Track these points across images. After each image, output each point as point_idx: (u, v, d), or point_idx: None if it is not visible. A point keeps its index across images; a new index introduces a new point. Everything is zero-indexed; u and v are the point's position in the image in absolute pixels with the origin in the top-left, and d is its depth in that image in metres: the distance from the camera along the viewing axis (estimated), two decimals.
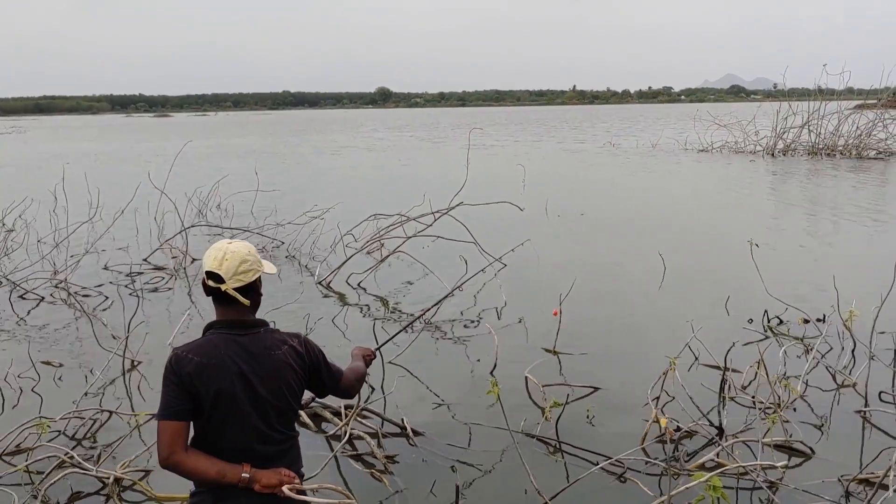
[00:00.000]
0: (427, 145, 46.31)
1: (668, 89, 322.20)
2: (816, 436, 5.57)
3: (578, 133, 57.63)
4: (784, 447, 5.29)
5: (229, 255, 2.83)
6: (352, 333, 8.25)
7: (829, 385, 6.53)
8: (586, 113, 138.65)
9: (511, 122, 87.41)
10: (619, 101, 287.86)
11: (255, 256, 2.91)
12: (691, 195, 20.23)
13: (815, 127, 31.18)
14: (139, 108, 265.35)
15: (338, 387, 3.18)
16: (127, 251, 12.75)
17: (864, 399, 6.08)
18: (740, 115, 35.54)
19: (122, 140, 61.81)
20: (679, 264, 11.04)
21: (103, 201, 13.92)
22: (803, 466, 5.11)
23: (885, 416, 5.82)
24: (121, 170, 30.03)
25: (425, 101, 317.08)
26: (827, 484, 4.76)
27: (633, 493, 4.73)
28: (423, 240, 11.52)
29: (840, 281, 7.87)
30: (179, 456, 2.70)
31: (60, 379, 7.03)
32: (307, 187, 22.89)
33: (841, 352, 7.23)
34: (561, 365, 7.26)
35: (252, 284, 2.90)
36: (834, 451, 5.28)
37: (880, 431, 5.63)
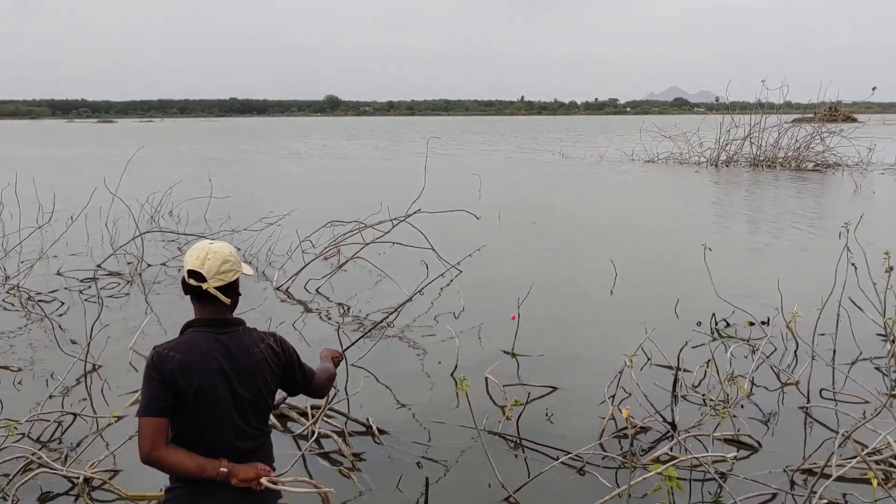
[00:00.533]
0: (381, 153, 46.37)
1: (615, 101, 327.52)
2: (763, 430, 5.88)
3: (528, 143, 58.26)
4: (733, 441, 5.59)
5: (211, 255, 2.91)
6: (312, 338, 8.35)
7: (773, 384, 6.87)
8: (535, 123, 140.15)
9: (461, 132, 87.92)
10: (567, 112, 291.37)
11: (235, 257, 3.00)
12: (639, 204, 20.71)
13: (757, 139, 32.18)
14: (82, 114, 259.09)
15: (310, 386, 3.28)
16: (80, 257, 12.62)
17: (806, 396, 6.40)
18: (685, 127, 36.40)
19: (66, 146, 60.49)
20: (629, 270, 11.38)
21: (52, 207, 13.74)
22: (751, 458, 5.40)
23: (825, 412, 6.17)
24: (67, 176, 29.50)
25: (374, 110, 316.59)
26: (773, 474, 5.06)
27: (592, 485, 4.95)
28: (381, 246, 11.66)
29: (783, 285, 8.23)
30: (161, 451, 2.77)
31: (20, 383, 7.01)
32: (261, 194, 22.83)
33: (784, 352, 7.59)
34: (519, 366, 7.48)
35: (232, 284, 2.98)
36: (779, 444, 5.59)
37: (821, 425, 5.98)
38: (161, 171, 29.87)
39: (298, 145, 59.73)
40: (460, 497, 4.95)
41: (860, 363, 7.37)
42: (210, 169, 27.52)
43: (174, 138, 75.50)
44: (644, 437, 5.76)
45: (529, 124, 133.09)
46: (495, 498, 4.86)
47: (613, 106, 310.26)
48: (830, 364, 7.19)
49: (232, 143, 62.61)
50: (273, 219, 13.94)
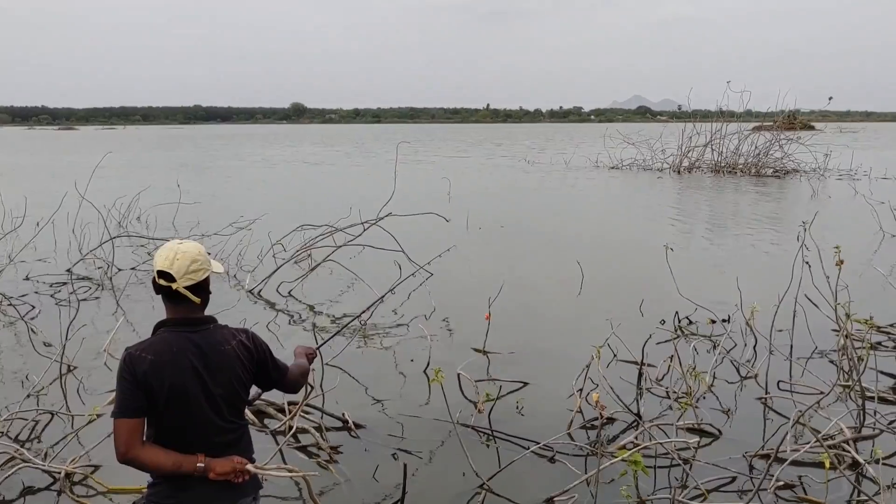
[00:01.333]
0: (352, 159, 46.41)
1: (579, 109, 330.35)
2: (723, 420, 6.15)
3: (494, 150, 58.70)
4: (695, 430, 5.84)
5: (180, 255, 2.97)
6: (286, 339, 8.46)
7: (734, 377, 7.17)
8: (500, 131, 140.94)
9: (428, 139, 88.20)
10: (532, 120, 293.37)
11: (204, 256, 3.05)
12: (604, 209, 21.11)
13: (718, 146, 32.84)
14: (42, 121, 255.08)
15: (284, 381, 3.35)
16: (48, 262, 12.57)
17: (764, 388, 6.68)
18: (648, 134, 37.02)
19: (28, 153, 59.60)
20: (596, 271, 11.66)
21: (22, 213, 13.68)
22: (713, 445, 5.66)
23: (782, 402, 6.45)
24: (32, 183, 29.14)
25: (340, 118, 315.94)
26: (733, 460, 5.33)
27: (562, 472, 5.16)
28: (352, 250, 11.82)
29: (743, 285, 8.53)
30: (136, 451, 2.84)
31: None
32: (231, 199, 22.83)
33: (744, 347, 7.89)
34: (490, 363, 7.68)
35: (202, 283, 3.03)
36: (739, 433, 5.85)
37: (779, 414, 6.25)
38: (127, 178, 29.64)
39: (268, 151, 59.63)
40: (436, 485, 5.12)
41: (815, 356, 7.69)
42: (179, 175, 27.40)
43: (139, 145, 74.72)
44: (611, 428, 5.99)
45: (495, 131, 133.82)
46: (470, 486, 5.04)
47: (578, 114, 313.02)
48: (788, 358, 7.48)
49: (200, 150, 62.21)
50: (244, 223, 14.01)
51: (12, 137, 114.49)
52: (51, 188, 15.55)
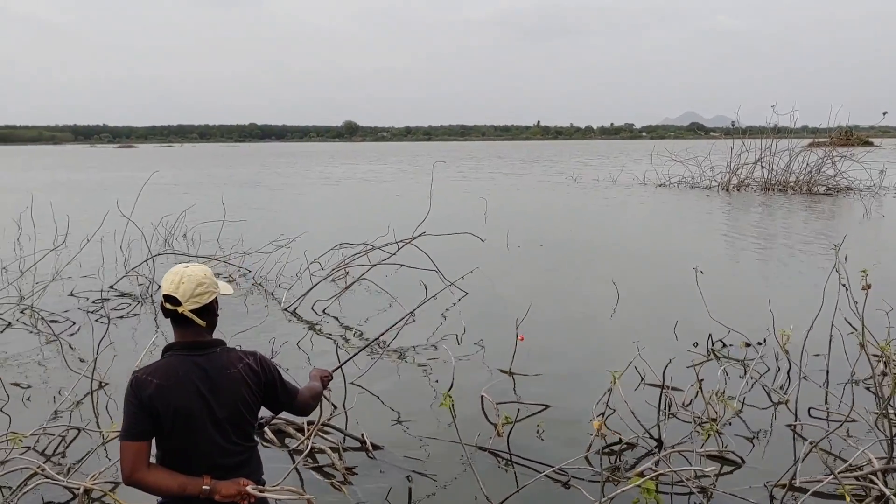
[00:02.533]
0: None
1: (630, 126, 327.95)
2: (749, 448, 5.98)
3: (541, 167, 58.54)
4: (717, 457, 5.69)
5: (186, 279, 3.01)
6: (315, 357, 8.52)
7: (765, 402, 6.98)
8: (550, 148, 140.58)
9: (477, 157, 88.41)
10: (583, 137, 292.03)
11: (210, 279, 3.08)
12: (648, 227, 20.83)
13: (768, 163, 32.21)
14: (103, 139, 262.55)
15: (293, 404, 3.37)
16: (93, 279, 12.88)
17: (794, 414, 6.50)
18: (696, 151, 36.51)
19: (86, 170, 61.34)
20: (633, 292, 11.52)
21: (69, 230, 14.09)
22: (734, 474, 5.51)
23: (813, 430, 6.23)
24: (86, 199, 29.98)
25: (392, 136, 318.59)
26: (754, 489, 5.17)
27: (576, 498, 5.07)
28: (388, 268, 11.88)
29: (787, 307, 8.33)
30: (141, 474, 2.89)
31: (29, 399, 7.22)
32: (276, 217, 23.10)
33: (778, 372, 7.69)
34: (516, 385, 7.62)
35: (208, 306, 3.07)
36: (763, 461, 5.69)
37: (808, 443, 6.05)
38: (179, 195, 30.31)
39: (321, 168, 60.40)
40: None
41: (852, 383, 7.44)
42: (231, 192, 27.94)
43: (196, 163, 76.34)
44: (630, 454, 5.88)
45: (545, 149, 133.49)
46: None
47: (629, 131, 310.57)
48: (824, 384, 7.28)
49: (250, 168, 63.25)
50: (284, 241, 14.19)
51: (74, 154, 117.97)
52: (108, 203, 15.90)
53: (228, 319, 10.20)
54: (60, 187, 38.57)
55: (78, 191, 36.08)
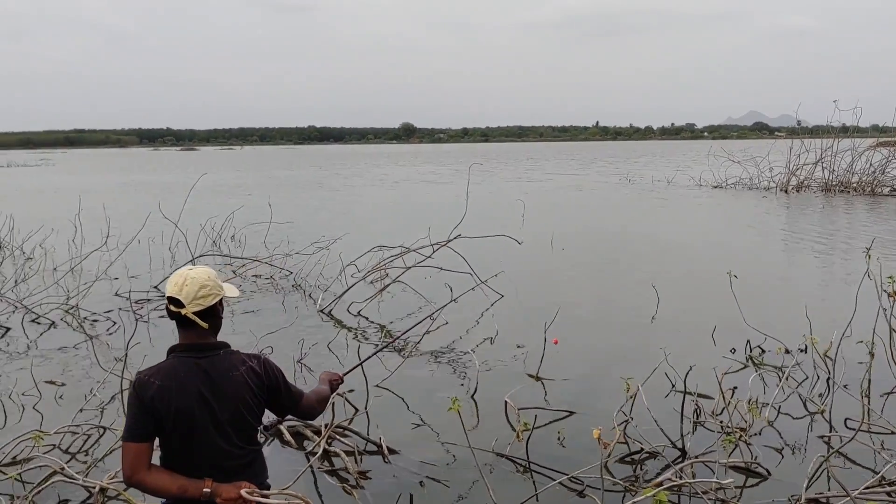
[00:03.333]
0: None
1: (692, 126, 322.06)
2: (778, 459, 5.74)
3: (597, 168, 57.90)
4: (742, 469, 5.48)
5: (189, 281, 3.02)
6: (344, 359, 8.51)
7: (800, 412, 6.71)
8: (608, 148, 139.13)
9: (533, 157, 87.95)
10: (642, 138, 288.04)
11: (214, 282, 3.09)
12: (699, 229, 20.40)
13: (829, 164, 31.23)
14: (166, 142, 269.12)
15: (297, 407, 3.36)
16: (139, 279, 13.13)
17: (829, 425, 6.23)
18: (755, 151, 35.63)
19: (148, 172, 62.88)
20: (676, 296, 11.26)
21: (121, 231, 14.43)
22: (760, 486, 5.30)
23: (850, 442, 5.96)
24: (144, 200, 30.71)
25: (449, 137, 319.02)
26: (777, 503, 4.95)
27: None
28: (427, 270, 11.82)
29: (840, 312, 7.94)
30: (142, 475, 2.91)
31: (61, 397, 7.36)
32: (325, 218, 23.29)
33: (816, 380, 7.39)
34: (545, 390, 7.48)
35: (212, 308, 3.08)
36: (792, 474, 5.44)
37: (842, 456, 5.79)
38: (241, 196, 30.82)
39: (388, 170, 60.72)
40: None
41: None
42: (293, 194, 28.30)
43: (258, 165, 77.64)
44: (653, 463, 5.70)
45: (602, 149, 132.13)
46: None
47: (690, 131, 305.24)
48: (866, 394, 6.97)
49: (313, 170, 64.03)
50: (324, 242, 14.28)
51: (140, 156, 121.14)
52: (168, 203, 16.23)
53: (264, 319, 10.32)
54: (121, 188, 39.58)
55: (137, 191, 36.93)
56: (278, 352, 8.42)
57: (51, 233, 16.25)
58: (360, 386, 7.09)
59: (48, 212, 24.19)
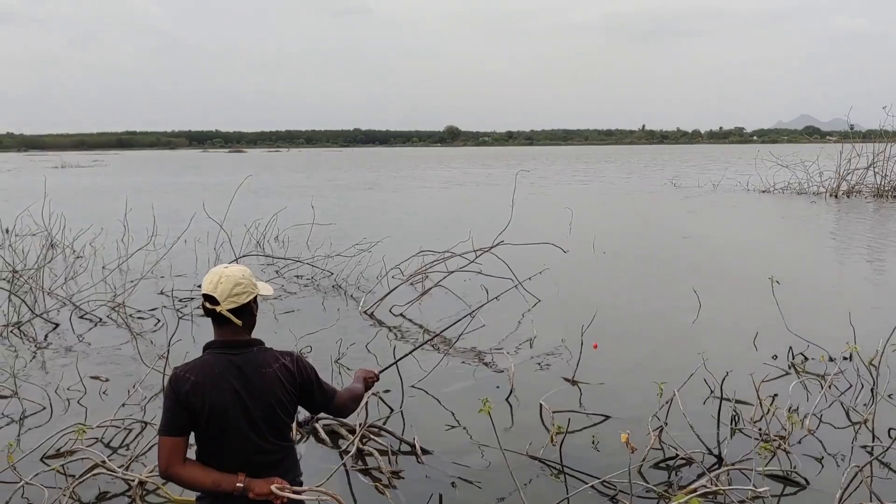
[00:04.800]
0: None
1: (740, 130, 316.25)
2: (818, 469, 5.63)
3: (642, 172, 57.31)
4: (780, 477, 5.39)
5: (224, 279, 3.08)
6: (384, 358, 8.53)
7: (843, 422, 6.57)
8: (654, 152, 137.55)
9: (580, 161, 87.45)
10: (689, 141, 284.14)
11: (248, 280, 3.14)
12: (745, 233, 20.06)
13: (881, 168, 30.49)
14: (215, 144, 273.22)
15: (330, 405, 3.39)
16: (183, 278, 13.36)
17: (872, 434, 6.10)
18: (804, 156, 34.93)
19: (197, 174, 63.90)
20: (718, 301, 11.12)
21: (168, 230, 14.71)
22: (797, 496, 5.22)
23: (891, 453, 5.81)
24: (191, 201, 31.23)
25: (493, 140, 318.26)
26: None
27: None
28: (468, 275, 11.85)
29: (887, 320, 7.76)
30: (177, 468, 2.98)
31: (105, 393, 7.54)
32: (366, 220, 23.40)
33: (860, 389, 7.23)
34: (582, 393, 7.45)
35: (246, 306, 3.12)
36: (832, 484, 5.30)
37: (885, 466, 5.66)
38: (279, 197, 31.17)
39: (434, 173, 60.90)
40: None
41: None
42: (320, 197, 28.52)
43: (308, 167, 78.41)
44: (689, 470, 5.63)
45: (648, 153, 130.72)
46: None
47: (739, 135, 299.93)
48: None
49: (360, 172, 64.46)
50: (366, 245, 14.39)
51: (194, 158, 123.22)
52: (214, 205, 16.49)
53: (304, 319, 10.43)
54: (173, 189, 40.30)
55: (185, 192, 37.55)
56: (317, 351, 8.51)
57: (100, 232, 16.62)
58: (395, 386, 7.14)
59: (99, 211, 24.77)
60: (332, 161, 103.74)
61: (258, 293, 3.21)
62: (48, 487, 5.24)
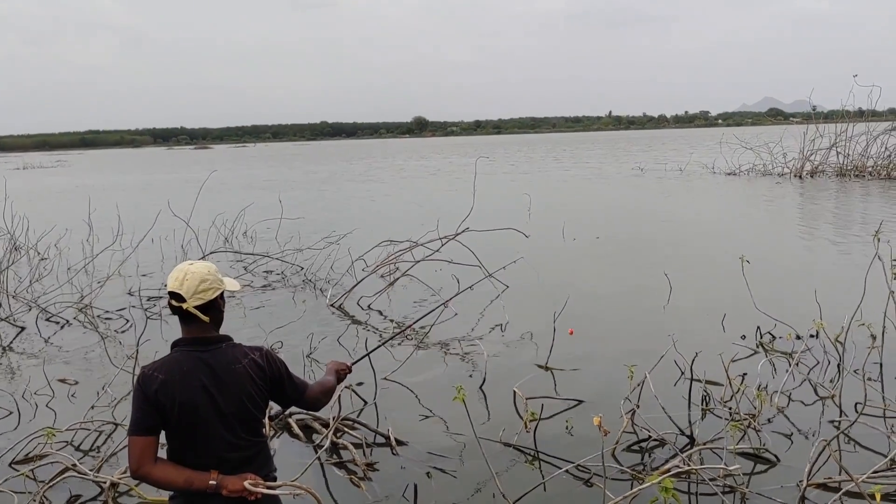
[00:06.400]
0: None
1: (705, 113, 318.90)
2: (787, 445, 5.72)
3: (609, 157, 57.63)
4: (751, 455, 5.46)
5: (189, 276, 3.04)
6: (355, 351, 8.52)
7: (811, 398, 6.68)
8: (620, 138, 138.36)
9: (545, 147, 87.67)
10: (656, 126, 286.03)
11: (214, 276, 3.10)
12: (713, 216, 20.29)
13: (843, 148, 30.96)
14: (181, 141, 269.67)
15: (301, 399, 3.36)
16: (151, 277, 13.21)
17: (839, 410, 6.20)
18: (768, 137, 35.33)
19: (163, 172, 63.17)
20: (689, 284, 11.22)
21: (134, 229, 14.50)
22: (768, 473, 5.29)
23: (858, 426, 5.90)
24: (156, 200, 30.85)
25: (461, 130, 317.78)
26: (786, 489, 4.94)
27: (598, 496, 4.93)
28: (436, 264, 11.83)
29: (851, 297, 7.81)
30: (148, 468, 2.93)
31: (74, 395, 7.44)
32: (334, 214, 23.30)
33: (827, 366, 7.35)
34: (557, 380, 7.48)
35: (213, 302, 3.09)
36: (801, 459, 5.38)
37: (853, 441, 5.76)
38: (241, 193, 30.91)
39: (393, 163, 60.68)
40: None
41: None
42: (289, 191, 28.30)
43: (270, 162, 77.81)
44: (662, 451, 5.69)
45: (615, 139, 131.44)
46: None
47: (704, 118, 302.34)
48: (877, 379, 6.94)
49: (327, 166, 64.07)
50: (335, 238, 14.32)
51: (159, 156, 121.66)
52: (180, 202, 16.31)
53: (274, 314, 10.36)
54: (134, 188, 39.79)
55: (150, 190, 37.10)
56: (288, 346, 8.47)
57: (65, 233, 16.34)
58: (368, 378, 7.12)
59: (63, 212, 24.37)
60: (306, 155, 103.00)
61: (224, 289, 3.17)
62: (17, 493, 5.17)
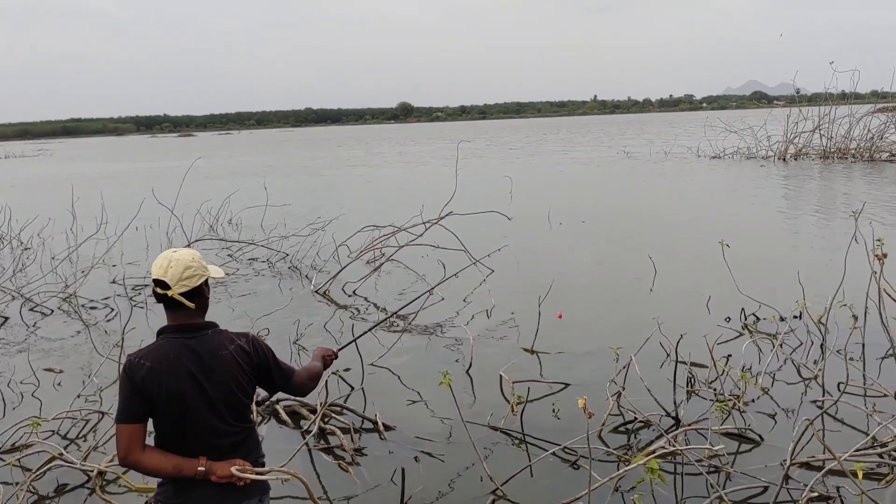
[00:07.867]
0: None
1: (690, 97, 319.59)
2: (771, 425, 5.78)
3: (594, 142, 57.67)
4: (736, 435, 5.52)
5: (174, 263, 3.04)
6: (342, 337, 8.52)
7: (794, 378, 6.75)
8: (605, 122, 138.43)
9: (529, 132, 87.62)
10: (641, 110, 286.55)
11: (198, 262, 3.10)
12: (698, 199, 20.37)
13: (826, 131, 31.13)
14: (164, 129, 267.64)
15: (288, 384, 3.37)
16: (136, 265, 13.14)
17: (822, 390, 6.26)
18: (752, 121, 35.47)
19: (146, 160, 62.75)
20: (674, 266, 11.30)
21: (118, 218, 14.40)
22: (753, 452, 5.34)
23: (841, 406, 5.97)
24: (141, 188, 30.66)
25: (446, 115, 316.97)
26: (770, 468, 4.99)
27: (584, 478, 4.96)
28: (424, 249, 11.84)
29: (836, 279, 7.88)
30: (137, 455, 2.93)
31: (59, 384, 7.41)
32: (320, 201, 23.21)
33: (810, 347, 7.42)
34: (543, 363, 7.52)
35: (198, 289, 3.09)
36: (785, 439, 5.44)
37: (836, 420, 5.82)
38: (227, 180, 30.75)
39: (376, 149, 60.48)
40: (450, 489, 5.05)
41: (893, 356, 7.14)
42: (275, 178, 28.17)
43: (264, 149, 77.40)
44: (648, 432, 5.74)
45: (599, 123, 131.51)
46: (485, 490, 4.93)
47: (689, 102, 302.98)
48: (859, 359, 7.01)
49: (311, 153, 63.82)
50: (320, 224, 14.28)
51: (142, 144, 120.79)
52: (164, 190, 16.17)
53: (261, 301, 10.34)
54: (121, 176, 39.52)
55: (134, 179, 36.87)
56: (274, 333, 8.47)
57: (48, 222, 16.24)
58: (355, 364, 7.14)
59: (46, 201, 24.18)
60: (293, 142, 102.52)
61: (209, 275, 3.18)
62: (4, 483, 5.16)
